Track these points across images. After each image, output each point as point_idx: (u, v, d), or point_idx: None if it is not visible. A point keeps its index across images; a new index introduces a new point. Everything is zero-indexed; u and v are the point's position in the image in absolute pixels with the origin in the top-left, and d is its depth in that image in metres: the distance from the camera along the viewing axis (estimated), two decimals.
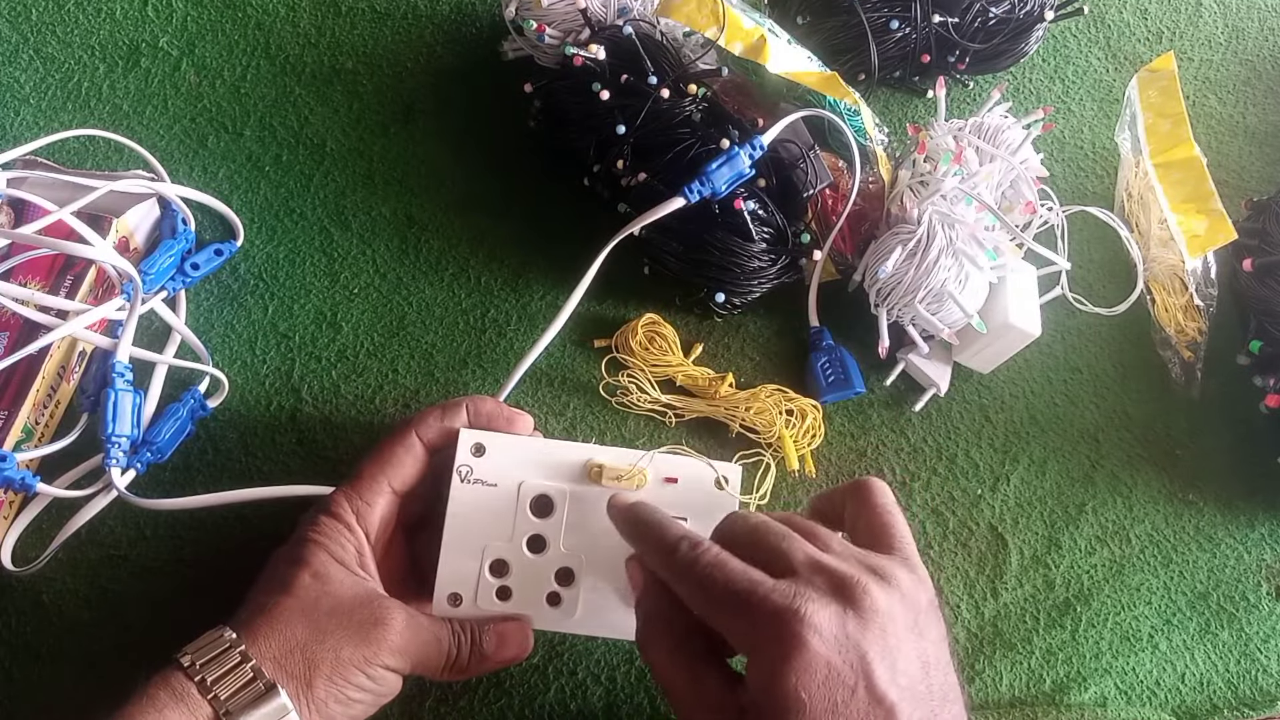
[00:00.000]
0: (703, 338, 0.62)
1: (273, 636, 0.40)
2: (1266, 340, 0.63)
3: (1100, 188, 0.73)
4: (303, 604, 0.41)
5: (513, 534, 0.47)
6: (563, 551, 0.47)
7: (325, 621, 0.41)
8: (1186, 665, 0.57)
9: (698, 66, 0.63)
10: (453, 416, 0.47)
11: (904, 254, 0.58)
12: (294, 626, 0.40)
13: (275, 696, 0.38)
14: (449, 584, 0.46)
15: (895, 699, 0.36)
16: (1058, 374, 0.65)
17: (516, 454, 0.47)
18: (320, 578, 0.42)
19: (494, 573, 0.47)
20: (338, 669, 0.40)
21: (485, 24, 0.72)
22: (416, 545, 0.49)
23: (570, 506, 0.47)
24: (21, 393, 0.51)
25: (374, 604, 0.42)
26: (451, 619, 0.45)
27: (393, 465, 0.46)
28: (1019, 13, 0.71)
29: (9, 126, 0.63)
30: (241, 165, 0.64)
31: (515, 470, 0.47)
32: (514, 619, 0.47)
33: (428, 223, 0.64)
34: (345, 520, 0.45)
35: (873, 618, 0.37)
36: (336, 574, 0.43)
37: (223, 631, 0.40)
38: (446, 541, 0.47)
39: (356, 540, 0.44)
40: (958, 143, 0.61)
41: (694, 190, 0.57)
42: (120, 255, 0.54)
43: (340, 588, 0.42)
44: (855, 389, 0.60)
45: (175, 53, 0.68)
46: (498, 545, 0.47)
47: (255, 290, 0.60)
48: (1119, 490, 0.62)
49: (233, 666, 0.39)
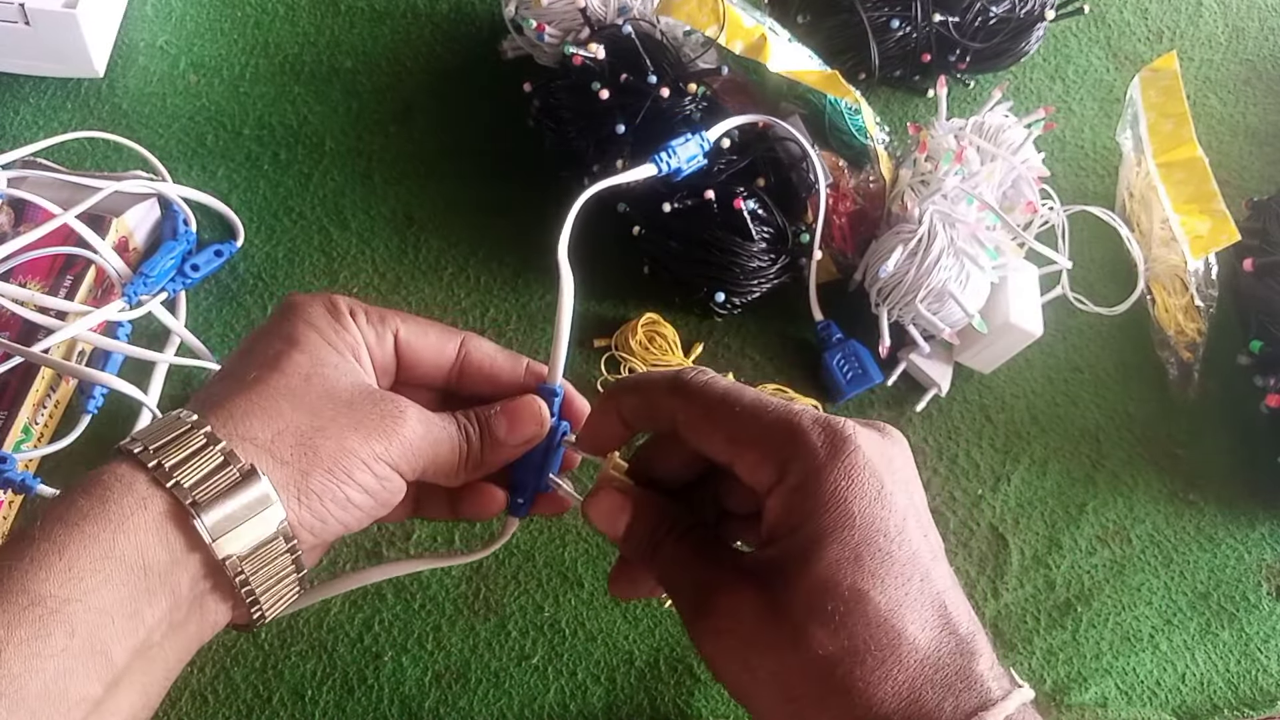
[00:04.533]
0: (703, 338, 0.62)
1: (254, 416, 0.31)
2: (1267, 340, 0.63)
3: (1101, 187, 0.73)
4: (293, 384, 0.32)
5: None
6: None
7: (323, 407, 0.32)
8: (1187, 665, 0.57)
9: (698, 65, 0.63)
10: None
11: (905, 253, 0.57)
12: (283, 407, 0.32)
13: (255, 482, 0.30)
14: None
15: (938, 539, 0.31)
16: (1059, 374, 0.65)
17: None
18: (317, 361, 0.33)
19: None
20: (341, 461, 0.32)
21: (484, 23, 0.72)
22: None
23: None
24: (21, 393, 0.51)
25: (382, 397, 0.34)
26: (457, 413, 0.37)
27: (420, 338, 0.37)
28: (1019, 12, 0.71)
29: (9, 126, 0.63)
30: (240, 164, 0.64)
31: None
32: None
33: (427, 222, 0.64)
34: (342, 318, 0.36)
35: (904, 448, 0.33)
36: (334, 359, 0.34)
37: (178, 414, 0.31)
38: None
39: (353, 338, 0.35)
40: (959, 142, 0.61)
41: (661, 160, 0.55)
42: (120, 255, 0.54)
43: (340, 375, 0.34)
44: (874, 379, 0.60)
45: (174, 52, 0.68)
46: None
47: (255, 290, 0.60)
48: (1120, 490, 0.62)
49: (198, 449, 0.30)
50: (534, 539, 0.55)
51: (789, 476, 0.31)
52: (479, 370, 0.38)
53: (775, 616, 0.30)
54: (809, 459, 0.31)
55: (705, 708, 0.52)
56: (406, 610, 0.52)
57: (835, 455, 0.30)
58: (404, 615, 0.52)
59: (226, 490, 0.29)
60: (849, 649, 0.29)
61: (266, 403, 0.32)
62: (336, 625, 0.51)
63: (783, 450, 0.31)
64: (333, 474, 0.32)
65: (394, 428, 0.33)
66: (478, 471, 0.37)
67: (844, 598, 0.29)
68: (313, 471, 0.31)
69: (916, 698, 0.29)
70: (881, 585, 0.30)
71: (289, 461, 0.31)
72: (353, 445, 0.32)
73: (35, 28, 0.60)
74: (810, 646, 0.29)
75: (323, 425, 0.32)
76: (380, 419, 0.33)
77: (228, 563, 0.30)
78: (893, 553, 0.30)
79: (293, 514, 0.31)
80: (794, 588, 0.30)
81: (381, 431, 0.33)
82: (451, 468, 0.36)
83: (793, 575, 0.30)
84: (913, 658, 0.29)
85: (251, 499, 0.30)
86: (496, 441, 0.37)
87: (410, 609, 0.52)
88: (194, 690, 0.49)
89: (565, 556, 0.55)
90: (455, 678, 0.51)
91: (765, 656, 0.30)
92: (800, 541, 0.30)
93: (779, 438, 0.31)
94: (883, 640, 0.29)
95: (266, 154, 0.65)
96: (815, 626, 0.29)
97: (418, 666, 0.51)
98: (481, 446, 0.37)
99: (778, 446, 0.31)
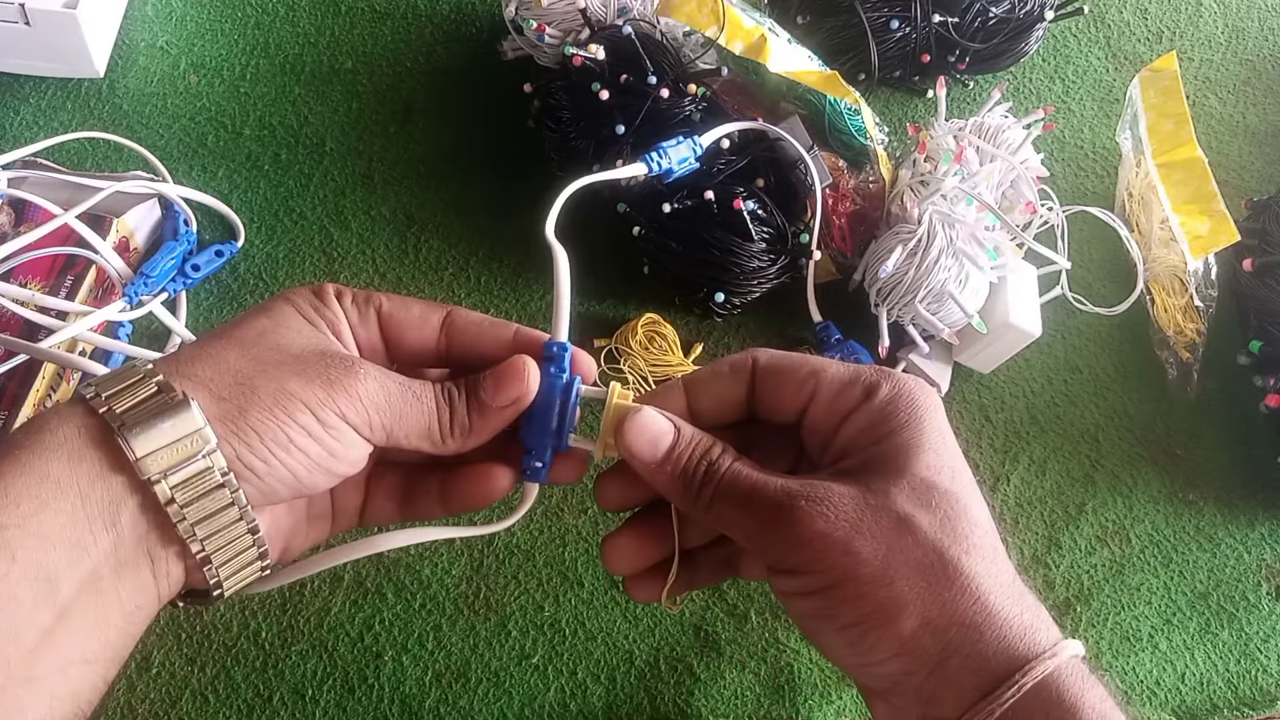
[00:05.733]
0: (703, 338, 0.62)
1: (198, 360, 0.32)
2: (1266, 340, 0.63)
3: (1100, 188, 0.73)
4: (245, 336, 0.33)
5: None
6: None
7: (269, 356, 0.32)
8: (1186, 665, 0.57)
9: (697, 66, 0.63)
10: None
11: (904, 254, 0.58)
12: (229, 354, 0.32)
13: (185, 409, 0.30)
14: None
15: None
16: (1058, 374, 0.65)
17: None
18: (279, 324, 0.34)
19: None
20: (280, 400, 0.31)
21: (485, 23, 0.72)
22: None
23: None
24: (22, 393, 0.51)
25: (338, 355, 0.33)
26: (438, 381, 0.36)
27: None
28: (1019, 12, 0.71)
29: (9, 126, 0.63)
30: (241, 165, 0.64)
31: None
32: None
33: (427, 222, 0.64)
34: (325, 297, 0.36)
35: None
36: (299, 325, 0.34)
37: (134, 362, 0.32)
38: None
39: (333, 315, 0.35)
40: (958, 142, 0.61)
41: (652, 160, 0.56)
42: (120, 256, 0.54)
43: (299, 336, 0.34)
44: None
45: (175, 52, 0.68)
46: None
47: (255, 290, 0.60)
48: (1119, 490, 0.62)
49: (135, 381, 0.30)
50: (534, 539, 0.55)
51: (878, 395, 0.34)
52: (465, 338, 0.37)
53: (875, 509, 0.32)
54: (898, 383, 0.34)
55: (705, 708, 0.52)
56: (407, 610, 0.52)
57: (918, 385, 0.35)
58: (404, 615, 0.52)
59: (154, 413, 0.29)
60: (956, 539, 0.32)
61: (213, 350, 0.32)
62: (337, 624, 0.52)
63: (871, 376, 0.35)
64: (271, 413, 0.31)
65: (341, 379, 0.32)
66: (468, 438, 0.36)
67: (945, 495, 0.33)
68: (250, 409, 0.31)
69: (1021, 595, 0.33)
70: (971, 495, 0.34)
71: (226, 398, 0.31)
72: (293, 388, 0.31)
73: (35, 28, 0.60)
74: (923, 531, 0.32)
75: (265, 369, 0.32)
76: (326, 369, 0.32)
77: (156, 488, 0.29)
78: (967, 472, 0.34)
79: (229, 448, 0.30)
80: (896, 484, 0.33)
81: (326, 380, 0.32)
82: (425, 431, 0.35)
83: (891, 474, 0.33)
84: (1009, 566, 0.33)
85: (180, 422, 0.29)
86: (482, 404, 0.36)
87: (410, 608, 0.52)
88: (194, 689, 0.49)
89: (565, 556, 0.55)
90: (455, 677, 0.51)
91: (869, 541, 0.32)
92: (894, 447, 0.33)
93: (864, 371, 0.35)
94: (985, 543, 0.33)
95: (267, 154, 0.65)
96: (923, 515, 0.32)
97: (418, 666, 0.51)
98: (468, 410, 0.36)
99: (865, 375, 0.35)
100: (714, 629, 0.54)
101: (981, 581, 0.32)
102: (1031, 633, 0.32)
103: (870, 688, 0.34)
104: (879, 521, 0.32)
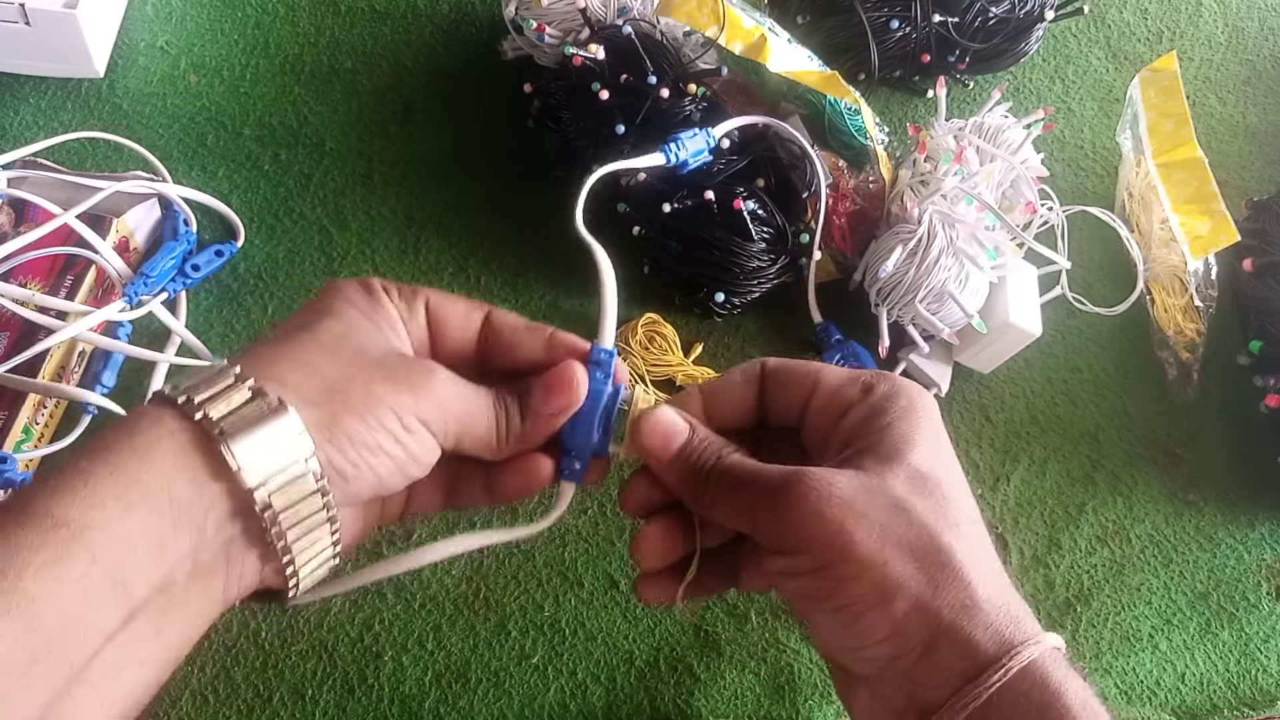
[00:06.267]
0: (703, 337, 0.62)
1: (284, 362, 0.32)
2: (1266, 340, 0.63)
3: (1101, 188, 0.73)
4: (324, 341, 0.33)
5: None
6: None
7: (354, 360, 0.32)
8: (1186, 665, 0.57)
9: (697, 66, 0.63)
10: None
11: (904, 254, 0.57)
12: (314, 358, 0.32)
13: (283, 414, 0.29)
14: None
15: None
16: (1058, 374, 0.65)
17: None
18: (350, 327, 0.34)
19: None
20: (371, 406, 0.31)
21: (485, 23, 0.72)
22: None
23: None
24: (21, 393, 0.51)
25: (412, 359, 0.34)
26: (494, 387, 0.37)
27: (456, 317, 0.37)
28: (1019, 12, 0.71)
29: (9, 126, 0.63)
30: (241, 165, 0.64)
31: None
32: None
33: (427, 222, 0.64)
34: (376, 294, 0.36)
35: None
36: (367, 327, 0.34)
37: (210, 363, 0.33)
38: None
39: (389, 312, 0.35)
40: (958, 142, 0.61)
41: (670, 151, 0.56)
42: (120, 255, 0.54)
43: (372, 340, 0.34)
44: None
45: (175, 52, 0.68)
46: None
47: (255, 290, 0.60)
48: (1119, 490, 0.62)
49: (227, 387, 0.30)
50: (533, 539, 0.55)
51: (876, 392, 0.36)
52: (501, 338, 0.38)
53: (871, 492, 0.33)
54: (895, 382, 0.36)
55: (705, 707, 0.52)
56: (407, 610, 0.52)
57: (915, 385, 0.37)
58: (404, 615, 0.52)
59: (255, 420, 0.29)
60: (949, 526, 0.33)
61: (297, 352, 0.32)
62: (337, 625, 0.51)
63: (869, 377, 0.37)
64: (362, 418, 0.31)
65: (424, 383, 0.33)
66: (519, 444, 0.37)
67: (939, 485, 0.34)
68: (342, 415, 0.31)
69: (1006, 587, 0.34)
70: (963, 490, 0.35)
71: (319, 404, 0.31)
72: (381, 393, 0.32)
73: (35, 28, 0.60)
74: (917, 516, 0.33)
75: (352, 375, 0.32)
76: (410, 374, 0.33)
77: (256, 494, 0.29)
78: (959, 469, 0.36)
79: (322, 454, 0.30)
80: (892, 471, 0.34)
81: (411, 385, 0.33)
82: (488, 436, 0.36)
83: (887, 462, 0.34)
84: (996, 559, 0.35)
85: (280, 430, 0.29)
86: (533, 411, 0.36)
87: (410, 608, 0.52)
88: (194, 690, 0.49)
89: (565, 556, 0.55)
90: (455, 677, 0.51)
91: (864, 522, 0.33)
92: (891, 438, 0.35)
93: (862, 374, 0.37)
94: (975, 533, 0.34)
95: (267, 154, 0.65)
96: (918, 501, 0.33)
97: (418, 666, 0.51)
98: (522, 417, 0.36)
99: (863, 375, 0.37)
100: (714, 629, 0.54)
101: (972, 569, 0.33)
102: (1017, 621, 0.33)
103: (857, 674, 0.35)
104: (874, 504, 0.33)
